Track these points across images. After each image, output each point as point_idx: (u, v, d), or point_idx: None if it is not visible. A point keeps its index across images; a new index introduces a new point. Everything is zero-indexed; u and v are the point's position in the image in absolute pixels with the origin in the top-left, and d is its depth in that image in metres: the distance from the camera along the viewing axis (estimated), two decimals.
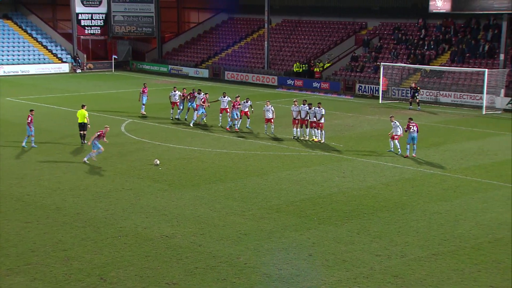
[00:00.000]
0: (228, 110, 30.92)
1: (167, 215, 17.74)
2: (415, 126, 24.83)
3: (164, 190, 20.32)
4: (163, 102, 37.96)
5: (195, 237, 16.08)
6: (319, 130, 27.71)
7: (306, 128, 28.15)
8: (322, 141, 27.59)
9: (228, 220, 17.41)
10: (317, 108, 27.68)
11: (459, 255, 15.05)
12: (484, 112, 37.56)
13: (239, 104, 30.30)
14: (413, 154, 24.91)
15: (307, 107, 27.91)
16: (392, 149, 25.49)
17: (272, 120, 29.25)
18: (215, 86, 50.88)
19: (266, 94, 44.24)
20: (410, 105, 39.10)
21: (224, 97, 31.47)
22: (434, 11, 43.79)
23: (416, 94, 38.71)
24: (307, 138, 27.99)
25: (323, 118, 27.57)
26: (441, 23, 49.17)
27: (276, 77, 51.67)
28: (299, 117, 28.19)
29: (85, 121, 26.89)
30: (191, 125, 31.29)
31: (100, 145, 23.30)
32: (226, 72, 55.70)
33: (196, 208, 18.46)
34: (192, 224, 17.03)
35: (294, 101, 29.39)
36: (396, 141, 25.34)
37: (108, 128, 24.24)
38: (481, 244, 15.70)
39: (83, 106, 27.36)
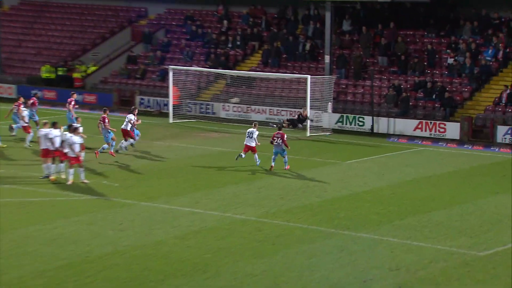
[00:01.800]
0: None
1: None
2: (279, 138, 29.86)
3: None
4: None
5: None
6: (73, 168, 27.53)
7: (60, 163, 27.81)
8: (85, 181, 27.46)
9: None
10: (71, 135, 27.35)
11: None
12: (308, 134, 40.15)
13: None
14: (285, 167, 30.13)
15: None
16: (243, 155, 30.43)
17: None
18: None
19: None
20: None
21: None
22: None
23: (303, 123, 39.68)
24: (62, 177, 27.62)
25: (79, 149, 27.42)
26: (248, 12, 51.85)
27: (14, 86, 50.45)
28: (52, 148, 27.65)
29: None
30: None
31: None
32: None
33: None
34: None
35: (45, 123, 28.78)
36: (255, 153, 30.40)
37: None
38: None
39: None
